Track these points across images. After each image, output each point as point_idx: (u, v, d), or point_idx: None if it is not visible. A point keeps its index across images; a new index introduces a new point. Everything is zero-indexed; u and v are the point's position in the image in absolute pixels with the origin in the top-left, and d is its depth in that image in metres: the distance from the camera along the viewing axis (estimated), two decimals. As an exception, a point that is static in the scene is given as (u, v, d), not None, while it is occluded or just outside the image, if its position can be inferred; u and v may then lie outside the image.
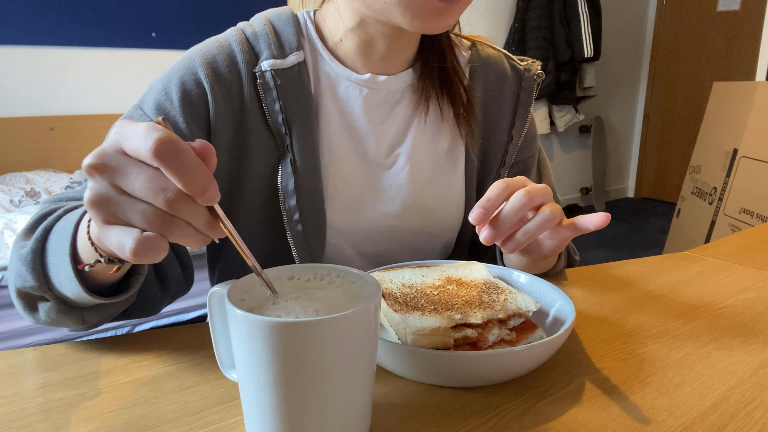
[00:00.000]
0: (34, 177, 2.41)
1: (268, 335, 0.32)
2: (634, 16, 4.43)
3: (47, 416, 0.41)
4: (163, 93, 0.62)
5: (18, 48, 2.50)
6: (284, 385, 0.34)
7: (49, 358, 0.50)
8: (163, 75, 0.63)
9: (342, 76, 0.67)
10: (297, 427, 0.35)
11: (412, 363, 0.44)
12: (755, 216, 2.13)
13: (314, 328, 0.33)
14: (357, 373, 0.35)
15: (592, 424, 0.40)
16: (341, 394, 0.35)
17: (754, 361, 0.50)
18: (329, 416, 0.35)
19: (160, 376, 0.47)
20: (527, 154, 0.78)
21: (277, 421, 0.35)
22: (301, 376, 0.33)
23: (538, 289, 0.56)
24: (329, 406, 0.35)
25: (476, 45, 0.76)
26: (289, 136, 0.64)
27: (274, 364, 0.33)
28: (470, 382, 0.44)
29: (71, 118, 2.67)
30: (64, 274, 0.46)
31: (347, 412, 0.36)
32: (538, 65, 0.76)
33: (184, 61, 0.63)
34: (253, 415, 0.36)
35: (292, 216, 0.64)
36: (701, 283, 0.69)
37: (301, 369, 0.33)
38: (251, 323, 0.33)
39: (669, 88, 4.51)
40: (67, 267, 0.45)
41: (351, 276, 0.41)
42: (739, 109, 2.31)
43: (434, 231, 0.73)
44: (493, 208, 0.51)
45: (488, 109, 0.74)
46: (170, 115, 0.61)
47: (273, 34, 0.65)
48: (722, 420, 0.41)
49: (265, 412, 0.35)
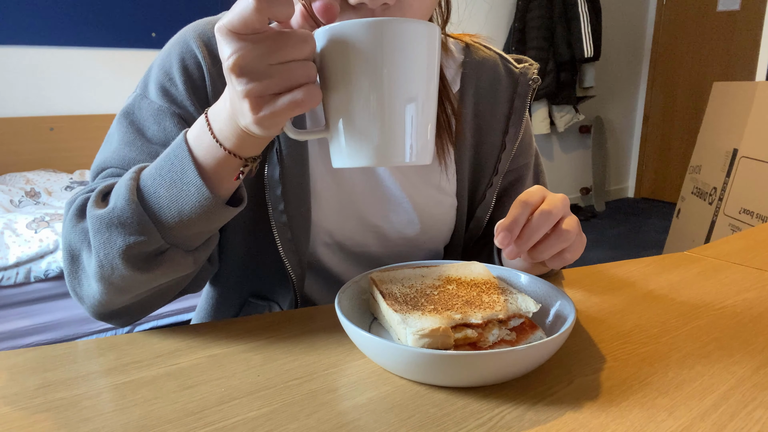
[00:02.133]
0: (34, 177, 2.41)
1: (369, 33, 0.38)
2: (634, 16, 4.43)
3: (47, 416, 0.41)
4: (165, 76, 0.60)
5: (18, 48, 2.50)
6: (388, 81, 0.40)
7: (49, 358, 0.50)
8: (160, 59, 0.62)
9: None
10: (396, 118, 0.41)
11: (412, 363, 0.44)
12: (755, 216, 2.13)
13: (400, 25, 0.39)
14: (432, 86, 0.42)
15: (592, 424, 0.40)
16: (427, 98, 0.42)
17: (754, 361, 0.50)
18: (419, 116, 0.42)
19: (160, 376, 0.47)
20: (521, 162, 0.77)
21: (379, 115, 0.41)
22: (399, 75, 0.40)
23: (538, 289, 0.56)
24: (421, 106, 0.41)
25: (470, 47, 0.74)
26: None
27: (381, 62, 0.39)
28: (470, 382, 0.44)
29: (71, 118, 2.67)
30: (190, 202, 0.47)
31: (429, 117, 0.43)
32: (536, 68, 0.74)
33: (178, 42, 0.62)
34: (362, 121, 0.41)
35: (277, 206, 0.63)
36: (701, 283, 0.69)
37: (401, 67, 0.39)
38: (368, 25, 0.39)
39: (669, 88, 4.51)
40: (197, 190, 0.47)
41: None
42: (739, 109, 2.31)
43: (422, 238, 0.72)
44: (518, 229, 0.52)
45: (481, 114, 0.72)
46: (176, 99, 0.60)
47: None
48: (722, 420, 0.41)
49: (368, 112, 0.40)
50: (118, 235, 0.48)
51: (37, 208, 2.08)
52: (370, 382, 0.46)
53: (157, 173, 0.49)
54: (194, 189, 0.47)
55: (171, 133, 0.59)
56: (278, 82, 0.38)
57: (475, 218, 0.75)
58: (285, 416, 0.41)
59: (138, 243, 0.48)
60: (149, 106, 0.60)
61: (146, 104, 0.61)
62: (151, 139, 0.59)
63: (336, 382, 0.46)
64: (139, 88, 0.63)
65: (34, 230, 1.80)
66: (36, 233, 1.79)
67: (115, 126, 0.61)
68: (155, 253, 0.50)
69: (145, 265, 0.50)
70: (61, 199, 2.24)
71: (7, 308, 1.77)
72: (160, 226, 0.48)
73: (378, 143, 0.41)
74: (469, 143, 0.72)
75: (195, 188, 0.47)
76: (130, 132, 0.59)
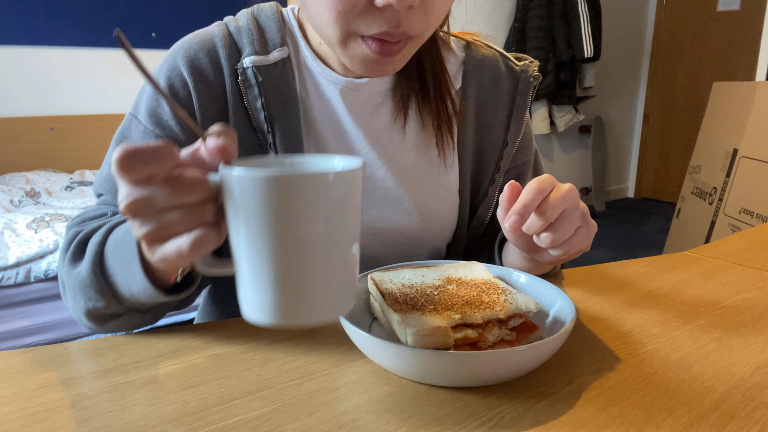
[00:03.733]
0: (34, 177, 2.41)
1: (263, 188, 0.33)
2: (634, 16, 4.43)
3: (47, 416, 0.41)
4: (153, 99, 0.61)
5: (18, 48, 2.50)
6: (280, 237, 0.34)
7: (49, 358, 0.50)
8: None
9: (323, 76, 0.66)
10: (291, 282, 0.35)
11: (412, 363, 0.44)
12: (755, 216, 2.13)
13: (307, 180, 0.33)
14: (345, 233, 0.36)
15: (592, 424, 0.40)
16: (331, 250, 0.35)
17: (754, 361, 0.50)
18: (320, 272, 0.35)
19: (160, 376, 0.47)
20: (523, 159, 0.77)
21: (271, 277, 0.35)
22: (288, 231, 0.34)
23: (538, 289, 0.56)
24: (321, 261, 0.35)
25: (471, 45, 0.74)
26: (272, 134, 0.63)
27: (272, 218, 0.34)
28: (470, 382, 0.44)
29: (71, 118, 2.67)
30: (136, 287, 0.49)
31: (337, 271, 0.36)
32: (536, 66, 0.74)
33: (167, 62, 0.63)
34: (251, 281, 0.36)
35: None
36: (701, 283, 0.69)
37: (298, 222, 0.34)
38: (245, 179, 0.33)
39: (669, 88, 4.51)
40: (141, 280, 0.47)
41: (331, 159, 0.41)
42: (739, 109, 2.31)
43: (424, 235, 0.72)
44: (528, 213, 0.51)
45: (482, 112, 0.73)
46: (162, 121, 0.61)
47: (256, 30, 0.64)
48: (722, 420, 0.41)
49: (259, 273, 0.35)
50: (81, 296, 0.53)
51: (37, 208, 2.08)
52: (370, 382, 0.46)
53: (119, 246, 0.50)
54: (139, 278, 0.48)
55: None
56: (168, 227, 0.36)
57: (477, 216, 0.75)
58: (285, 416, 0.41)
59: (97, 308, 0.53)
60: (137, 128, 0.62)
61: (135, 125, 0.62)
62: None
63: (336, 382, 0.46)
64: (132, 107, 0.64)
65: (34, 230, 1.80)
66: (36, 233, 1.79)
67: (111, 147, 0.64)
68: (115, 315, 0.54)
69: (105, 323, 0.55)
70: (61, 198, 2.24)
71: (7, 308, 1.77)
72: (117, 295, 0.52)
73: (270, 300, 0.35)
74: (471, 140, 0.72)
75: (140, 278, 0.47)
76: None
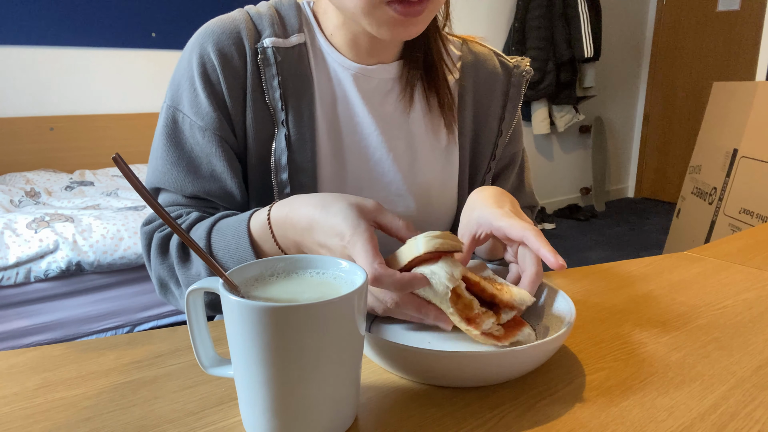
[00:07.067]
0: (34, 177, 2.41)
1: (260, 319, 0.34)
2: (634, 16, 4.43)
3: (47, 416, 0.41)
4: (191, 87, 0.65)
5: (18, 48, 2.50)
6: (274, 366, 0.35)
7: (49, 358, 0.50)
8: (184, 67, 0.66)
9: (337, 62, 0.70)
10: (286, 407, 0.36)
11: (412, 363, 0.44)
12: (755, 216, 2.13)
13: (306, 311, 0.34)
14: (342, 359, 0.37)
15: (592, 424, 0.40)
16: (327, 377, 0.36)
17: (754, 361, 0.49)
18: (316, 397, 0.37)
19: (160, 376, 0.47)
20: (512, 150, 0.82)
21: (267, 401, 0.36)
22: (289, 358, 0.35)
23: (538, 288, 0.56)
24: (316, 388, 0.36)
25: (467, 42, 0.79)
26: (285, 111, 0.66)
27: (266, 346, 0.35)
28: (470, 382, 0.44)
29: (71, 118, 2.67)
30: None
31: (333, 395, 0.38)
32: (527, 62, 0.79)
33: (196, 48, 0.65)
34: (246, 399, 0.38)
35: (283, 190, 0.66)
36: (701, 283, 0.69)
37: (290, 351, 0.35)
38: (243, 308, 0.35)
39: (669, 88, 4.51)
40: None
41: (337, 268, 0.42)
42: (739, 109, 2.31)
43: (428, 219, 0.75)
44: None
45: (479, 104, 0.77)
46: (202, 109, 0.64)
47: (277, 16, 0.68)
48: (722, 420, 0.41)
49: (255, 394, 0.37)
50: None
51: (37, 208, 2.08)
52: (370, 382, 0.46)
53: (228, 255, 0.59)
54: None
55: (205, 147, 0.65)
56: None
57: None
58: (285, 416, 0.41)
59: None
60: (183, 121, 0.65)
61: (180, 118, 0.66)
62: (190, 154, 0.65)
63: (336, 382, 0.45)
64: (168, 98, 0.67)
65: (34, 230, 1.80)
66: (36, 233, 1.79)
67: (158, 142, 0.66)
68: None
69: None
70: (61, 198, 2.24)
71: (7, 308, 1.77)
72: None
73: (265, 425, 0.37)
74: (470, 129, 0.76)
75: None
76: (172, 152, 0.66)
